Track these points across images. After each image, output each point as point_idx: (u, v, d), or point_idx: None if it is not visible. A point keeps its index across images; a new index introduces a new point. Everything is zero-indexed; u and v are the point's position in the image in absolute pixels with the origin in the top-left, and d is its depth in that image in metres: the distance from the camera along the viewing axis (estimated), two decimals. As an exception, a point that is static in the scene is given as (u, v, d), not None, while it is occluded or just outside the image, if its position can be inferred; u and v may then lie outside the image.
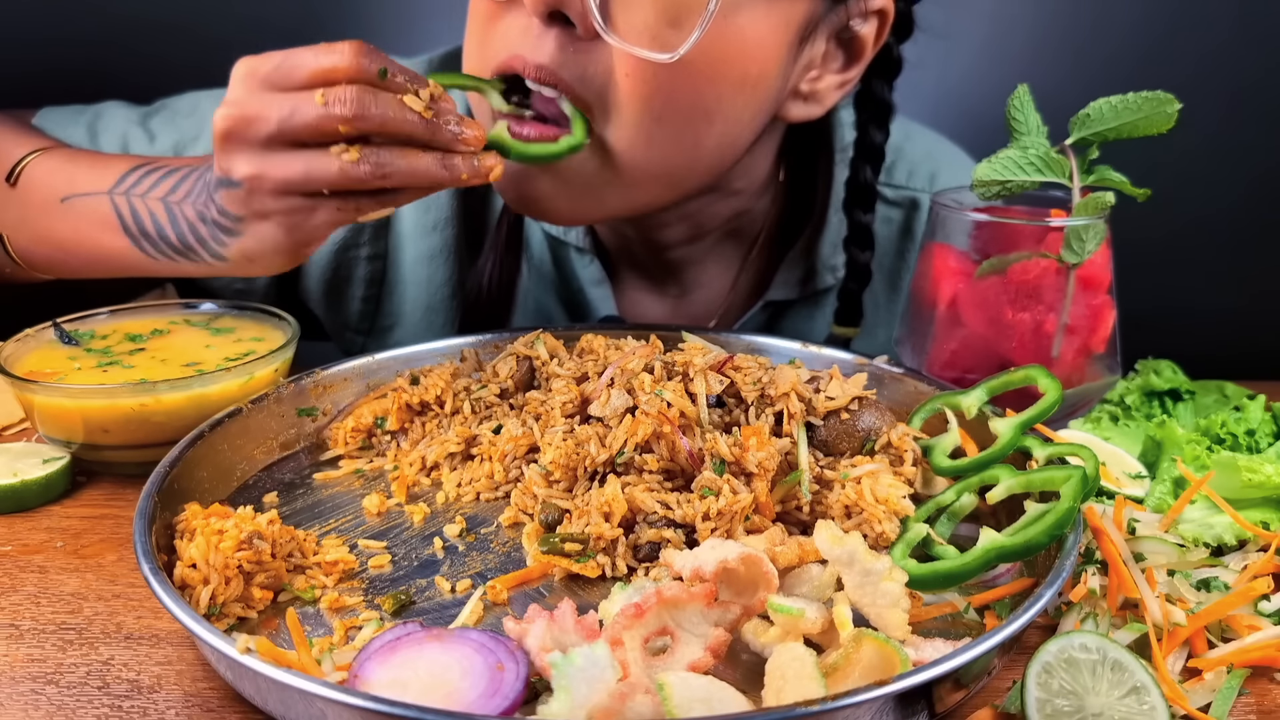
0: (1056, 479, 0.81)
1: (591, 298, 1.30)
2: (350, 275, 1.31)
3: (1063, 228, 0.97)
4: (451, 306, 1.31)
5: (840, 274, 1.28)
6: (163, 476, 0.83)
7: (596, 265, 1.28)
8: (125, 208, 1.00)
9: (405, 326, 1.34)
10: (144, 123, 1.27)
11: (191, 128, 1.26)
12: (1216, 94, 1.72)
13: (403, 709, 0.57)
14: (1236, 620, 0.75)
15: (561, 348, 1.04)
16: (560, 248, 1.31)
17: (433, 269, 1.30)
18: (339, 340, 1.40)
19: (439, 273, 1.30)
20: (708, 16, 0.91)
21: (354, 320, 1.36)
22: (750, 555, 0.71)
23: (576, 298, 1.33)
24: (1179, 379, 1.13)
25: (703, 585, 0.70)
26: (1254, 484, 0.85)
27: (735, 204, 1.24)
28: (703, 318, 1.34)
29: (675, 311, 1.34)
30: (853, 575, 0.71)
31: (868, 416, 0.91)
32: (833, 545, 0.72)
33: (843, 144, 1.28)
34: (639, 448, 0.85)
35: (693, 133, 1.00)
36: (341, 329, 1.38)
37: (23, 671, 0.71)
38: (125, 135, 1.26)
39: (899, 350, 1.09)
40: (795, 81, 1.07)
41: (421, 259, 1.30)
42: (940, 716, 0.66)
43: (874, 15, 1.06)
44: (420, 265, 1.30)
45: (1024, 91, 0.99)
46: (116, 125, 1.27)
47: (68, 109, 1.29)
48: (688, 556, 0.73)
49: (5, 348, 1.02)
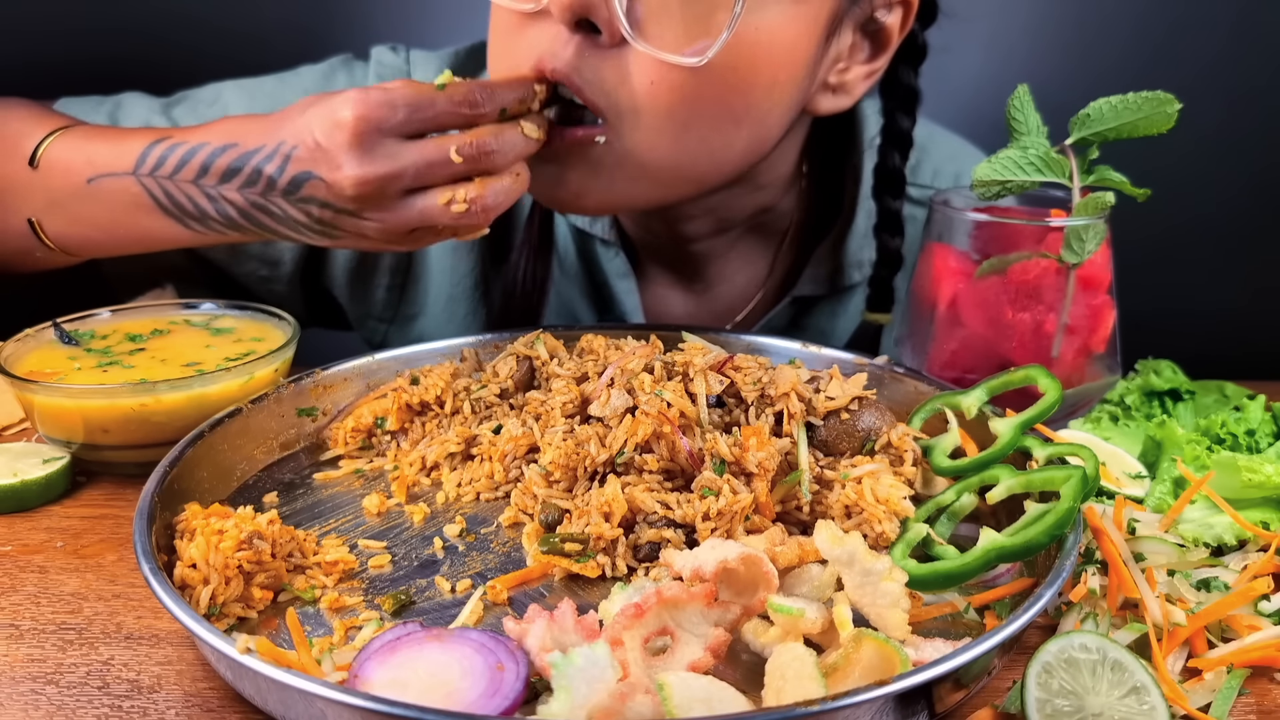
0: (1056, 479, 0.81)
1: (617, 291, 1.31)
2: (376, 264, 1.32)
3: (1063, 228, 0.97)
4: (475, 297, 1.32)
5: (867, 270, 1.29)
6: (163, 476, 0.83)
7: (622, 258, 1.29)
8: (158, 190, 0.98)
9: (429, 316, 1.34)
10: (166, 112, 1.26)
11: (215, 116, 1.22)
12: (1216, 94, 1.73)
13: (403, 709, 0.57)
14: (1236, 620, 0.75)
15: (561, 348, 1.04)
16: (587, 241, 1.31)
17: (456, 259, 1.31)
18: (361, 329, 1.39)
19: (463, 263, 1.31)
20: (733, 20, 0.92)
21: (378, 309, 1.36)
22: (750, 555, 0.71)
23: (601, 291, 1.33)
24: (1179, 379, 1.13)
25: (703, 585, 0.70)
26: (1254, 484, 0.85)
27: (760, 198, 1.25)
28: (727, 314, 1.34)
29: (700, 307, 1.34)
30: (853, 575, 0.71)
31: (868, 416, 0.91)
32: (833, 545, 0.72)
33: (869, 136, 1.29)
34: (639, 448, 0.85)
35: (721, 136, 1.01)
36: (365, 317, 1.37)
37: (23, 671, 0.71)
38: (148, 124, 1.25)
39: (899, 350, 1.09)
40: (823, 75, 1.07)
41: (446, 249, 1.31)
42: (940, 716, 0.66)
43: (899, 4, 1.07)
44: (445, 255, 1.31)
45: (1024, 91, 0.99)
46: (138, 114, 1.26)
47: (87, 99, 1.28)
48: (688, 556, 0.73)
49: (5, 348, 1.02)
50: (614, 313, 1.33)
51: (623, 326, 1.11)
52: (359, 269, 1.32)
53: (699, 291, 1.34)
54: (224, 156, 0.95)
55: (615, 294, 1.31)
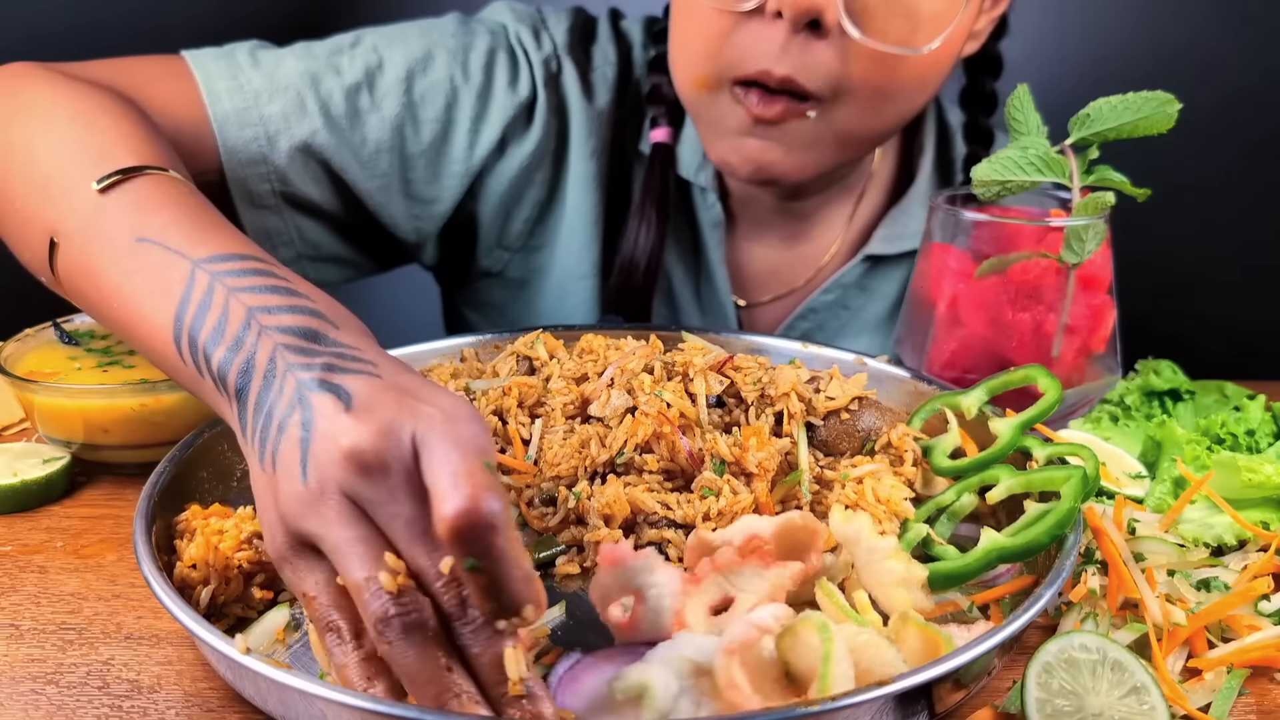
0: (1056, 479, 0.81)
1: (706, 240, 1.33)
2: (522, 197, 1.33)
3: (1063, 228, 0.97)
4: (594, 235, 1.33)
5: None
6: (163, 476, 0.83)
7: (718, 207, 1.32)
8: (202, 285, 0.72)
9: (554, 248, 1.35)
10: (319, 59, 1.19)
11: (372, 58, 1.20)
12: (1216, 94, 1.73)
13: (403, 709, 0.57)
14: (1236, 620, 0.75)
15: (561, 348, 1.04)
16: (684, 186, 1.34)
17: (585, 193, 1.32)
18: (486, 258, 1.38)
19: (588, 197, 1.32)
20: (960, 14, 1.05)
21: (511, 238, 1.36)
22: (798, 520, 0.72)
23: (691, 238, 1.35)
24: (1179, 379, 1.13)
25: (757, 546, 0.70)
26: (1254, 484, 0.85)
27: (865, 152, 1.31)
28: (804, 270, 1.37)
29: (780, 261, 1.37)
30: (860, 553, 0.72)
31: (868, 416, 0.91)
32: (843, 523, 0.74)
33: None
34: (639, 448, 0.85)
35: (913, 103, 1.14)
36: (494, 246, 1.37)
37: (23, 671, 0.71)
38: (312, 74, 1.16)
39: (899, 350, 1.09)
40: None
41: (579, 181, 1.32)
42: (940, 716, 0.66)
43: None
44: (577, 188, 1.33)
45: (1024, 91, 0.99)
46: (292, 64, 1.16)
47: (219, 53, 1.15)
48: (723, 532, 0.74)
49: (5, 348, 1.02)
50: (701, 260, 1.35)
51: (623, 326, 1.11)
52: (507, 199, 1.32)
53: (782, 247, 1.36)
54: (307, 315, 0.70)
55: (704, 242, 1.34)
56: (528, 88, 1.26)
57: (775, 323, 1.38)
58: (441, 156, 1.24)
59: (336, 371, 0.64)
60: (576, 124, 1.29)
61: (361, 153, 1.19)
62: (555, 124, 1.29)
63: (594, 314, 1.36)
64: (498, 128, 1.25)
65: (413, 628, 0.58)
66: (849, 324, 1.36)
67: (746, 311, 1.38)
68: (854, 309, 1.35)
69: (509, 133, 1.26)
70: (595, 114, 1.30)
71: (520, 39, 1.27)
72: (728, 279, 1.34)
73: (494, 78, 1.25)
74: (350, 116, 1.18)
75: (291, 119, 1.15)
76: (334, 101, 1.17)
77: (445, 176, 1.26)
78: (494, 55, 1.25)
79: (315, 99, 1.16)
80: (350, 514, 0.60)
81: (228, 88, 1.13)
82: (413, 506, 0.59)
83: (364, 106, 1.19)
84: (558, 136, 1.30)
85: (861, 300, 1.35)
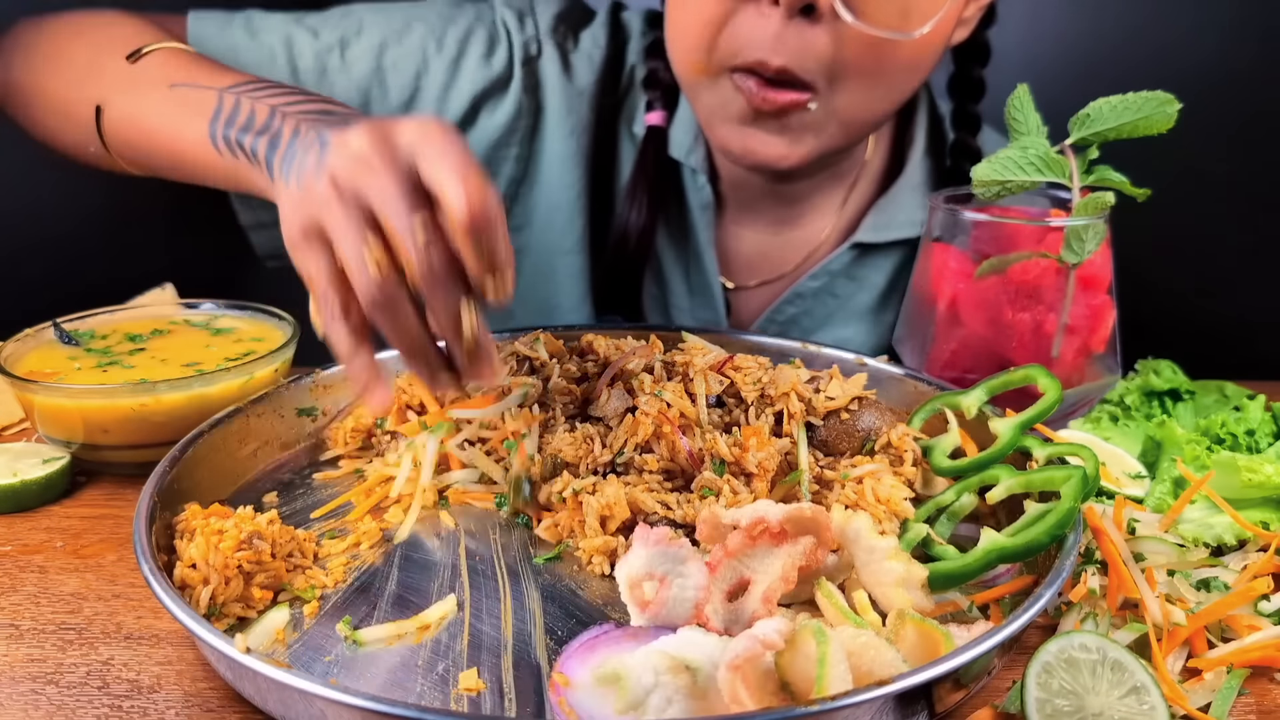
0: (1056, 479, 0.81)
1: (695, 222, 1.34)
2: (497, 173, 1.34)
3: (1062, 228, 0.97)
4: (577, 210, 1.34)
5: (919, 228, 1.32)
6: (163, 476, 0.83)
7: (708, 189, 1.32)
8: (230, 101, 0.96)
9: (534, 227, 1.36)
10: (301, 22, 1.28)
11: (352, 25, 1.28)
12: (1216, 94, 1.72)
13: (403, 709, 0.57)
14: (1236, 620, 0.75)
15: (561, 348, 1.04)
16: (675, 168, 1.34)
17: (564, 170, 1.33)
18: None
19: (569, 174, 1.33)
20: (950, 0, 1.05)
21: None
22: (803, 511, 0.72)
23: (680, 219, 1.35)
24: (1179, 379, 1.13)
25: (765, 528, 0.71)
26: (1254, 484, 0.85)
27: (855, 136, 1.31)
28: (793, 255, 1.37)
29: (770, 246, 1.37)
30: (859, 553, 0.73)
31: (868, 416, 0.91)
32: (844, 522, 0.74)
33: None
34: (639, 448, 0.85)
35: (906, 86, 1.15)
36: None
37: (23, 671, 0.71)
38: (287, 34, 1.26)
39: (899, 350, 1.09)
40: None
41: (556, 159, 1.33)
42: (940, 716, 0.66)
43: None
44: (554, 165, 1.34)
45: (1024, 91, 0.99)
46: (275, 24, 1.27)
47: (215, 13, 1.27)
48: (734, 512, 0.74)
49: (5, 348, 1.02)
50: (690, 241, 1.35)
51: (622, 326, 1.12)
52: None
53: (771, 232, 1.37)
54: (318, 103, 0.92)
55: (693, 224, 1.34)
56: (503, 63, 1.28)
57: (762, 307, 1.38)
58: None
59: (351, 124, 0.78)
60: (554, 103, 1.30)
61: None
62: (530, 102, 1.30)
63: (583, 288, 1.36)
64: (467, 96, 1.27)
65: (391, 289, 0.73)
66: (836, 312, 1.36)
67: (734, 294, 1.38)
68: (842, 297, 1.35)
69: (479, 103, 1.28)
70: (576, 92, 1.31)
71: (505, 21, 1.29)
72: (716, 261, 1.34)
73: (467, 50, 1.27)
74: (318, 74, 1.24)
75: (263, 71, 1.18)
76: (304, 61, 1.23)
77: None
78: (472, 31, 1.28)
79: (286, 56, 1.23)
80: (352, 203, 0.74)
81: (212, 37, 1.22)
82: (399, 186, 0.72)
83: (333, 67, 1.24)
84: (533, 114, 1.31)
85: (849, 288, 1.35)
